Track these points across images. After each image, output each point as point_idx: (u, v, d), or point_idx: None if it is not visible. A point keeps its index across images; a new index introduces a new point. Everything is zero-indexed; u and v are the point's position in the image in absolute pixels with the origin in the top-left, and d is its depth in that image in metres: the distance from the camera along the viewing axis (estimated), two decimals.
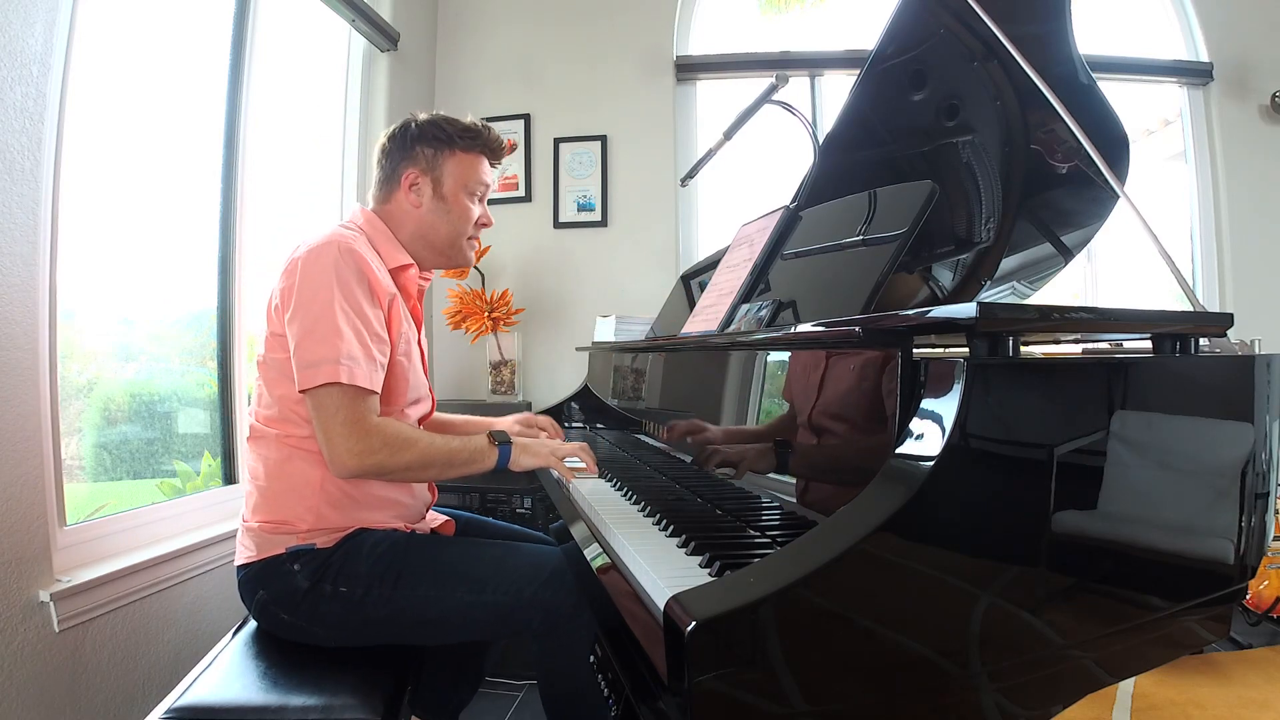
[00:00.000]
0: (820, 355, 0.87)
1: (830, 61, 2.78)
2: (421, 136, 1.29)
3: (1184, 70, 2.72)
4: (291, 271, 1.14)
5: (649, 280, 2.63)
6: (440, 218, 1.31)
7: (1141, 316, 0.85)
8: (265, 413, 1.19)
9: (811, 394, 0.88)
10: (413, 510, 1.29)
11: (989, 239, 1.43)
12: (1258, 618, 2.08)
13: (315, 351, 1.08)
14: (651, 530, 0.93)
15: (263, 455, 1.19)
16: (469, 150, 1.31)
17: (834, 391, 0.83)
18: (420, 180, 1.29)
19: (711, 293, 1.42)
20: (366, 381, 1.10)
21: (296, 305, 1.11)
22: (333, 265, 1.12)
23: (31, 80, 1.22)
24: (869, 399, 0.76)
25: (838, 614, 0.59)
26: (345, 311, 1.10)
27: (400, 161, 1.30)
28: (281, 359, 1.14)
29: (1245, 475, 0.86)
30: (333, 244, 1.14)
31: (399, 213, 1.31)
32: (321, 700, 1.00)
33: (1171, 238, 2.75)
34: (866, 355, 0.77)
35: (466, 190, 1.32)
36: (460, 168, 1.31)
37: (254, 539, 1.17)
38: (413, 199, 1.30)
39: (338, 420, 1.09)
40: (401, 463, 1.13)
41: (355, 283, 1.13)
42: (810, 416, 0.87)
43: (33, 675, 1.21)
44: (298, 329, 1.10)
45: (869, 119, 1.52)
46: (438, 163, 1.29)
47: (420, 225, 1.31)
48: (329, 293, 1.10)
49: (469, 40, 2.82)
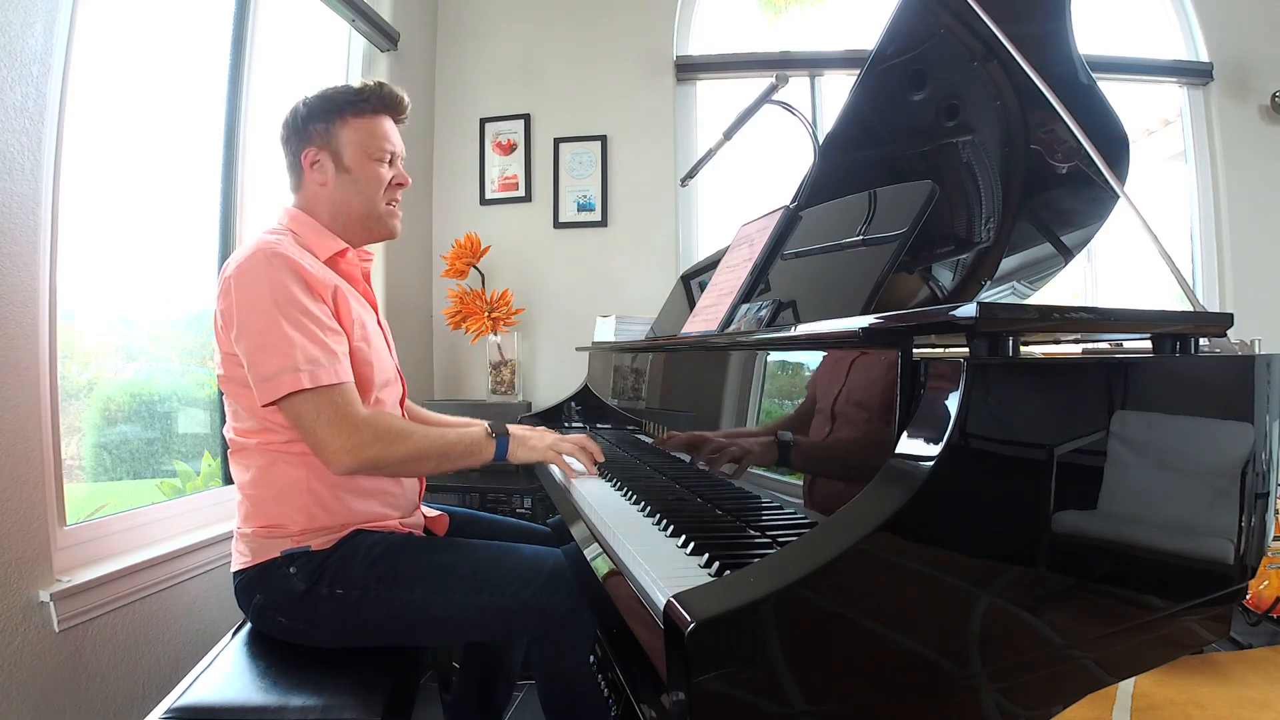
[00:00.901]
0: (820, 355, 0.87)
1: (830, 61, 2.78)
2: (311, 114, 1.25)
3: (1184, 70, 2.72)
4: (227, 291, 1.11)
5: (649, 280, 2.63)
6: (349, 190, 1.26)
7: (1141, 316, 0.85)
8: (241, 425, 1.19)
9: (812, 394, 0.88)
10: (403, 500, 1.28)
11: (989, 239, 1.43)
12: (1258, 618, 2.08)
13: (270, 364, 1.07)
14: (651, 530, 0.93)
15: (246, 464, 1.19)
16: (361, 114, 1.26)
17: (834, 391, 0.83)
18: (320, 157, 1.25)
19: (711, 293, 1.42)
20: (333, 377, 1.09)
21: (240, 323, 1.10)
22: (264, 274, 1.10)
23: (31, 80, 1.22)
24: (869, 399, 0.76)
25: (838, 614, 0.59)
26: (289, 317, 1.08)
27: (298, 145, 1.26)
28: (241, 375, 1.13)
29: (1245, 475, 0.86)
30: (258, 253, 1.12)
31: (313, 198, 1.27)
32: (321, 700, 1.00)
33: (1171, 238, 2.75)
34: (866, 355, 0.77)
35: (368, 155, 1.26)
36: (357, 134, 1.26)
37: (248, 544, 1.17)
38: (318, 178, 1.25)
39: (321, 423, 1.08)
40: (397, 455, 1.12)
41: (291, 284, 1.10)
42: (810, 417, 0.87)
43: (33, 675, 1.21)
44: (247, 346, 1.09)
45: (869, 119, 1.52)
46: (331, 135, 1.25)
47: (333, 203, 1.26)
48: (267, 303, 1.08)
49: (469, 40, 2.82)
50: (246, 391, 1.14)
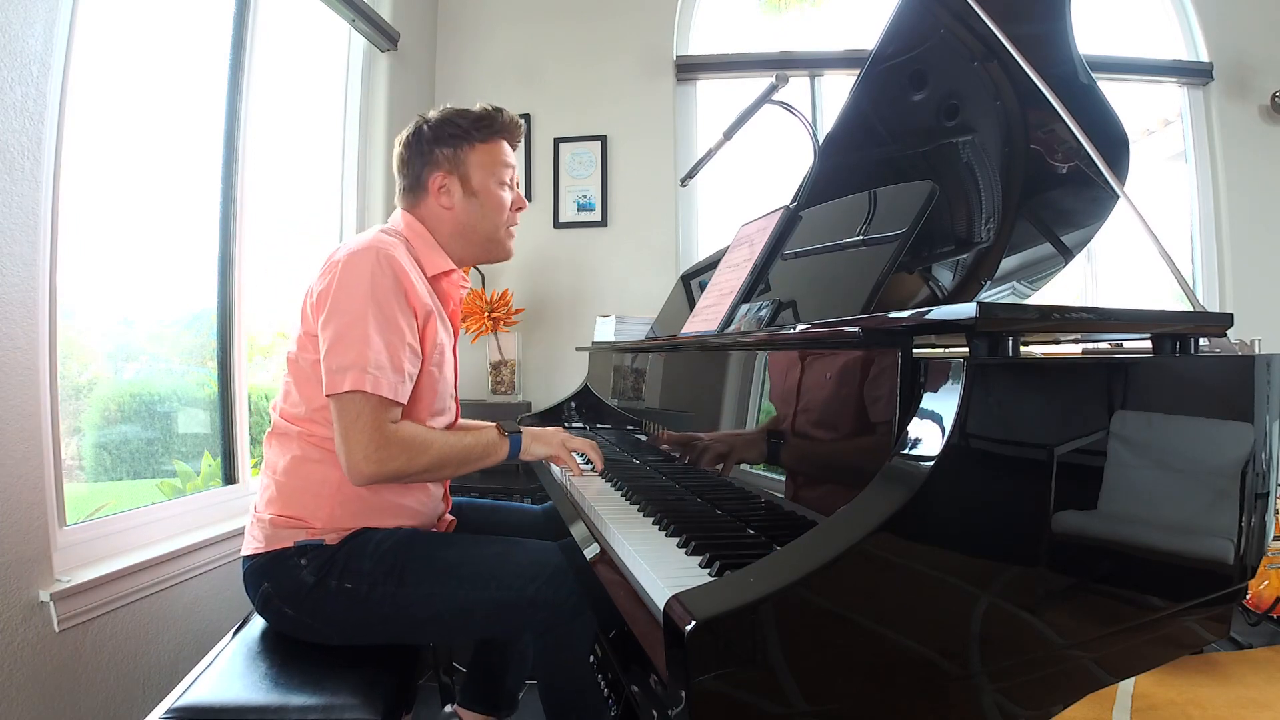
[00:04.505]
0: (820, 355, 0.87)
1: (830, 61, 2.78)
2: (437, 138, 1.27)
3: (1184, 70, 2.72)
4: (329, 273, 1.13)
5: (649, 280, 2.63)
6: (476, 214, 1.29)
7: (1141, 316, 0.85)
8: (291, 410, 1.19)
9: (812, 394, 0.88)
10: (426, 517, 1.30)
11: (989, 239, 1.43)
12: (1258, 618, 2.08)
13: (344, 357, 1.08)
14: (651, 530, 0.93)
15: (284, 451, 1.19)
16: (487, 140, 1.29)
17: (834, 392, 0.83)
18: (447, 182, 1.27)
19: (711, 293, 1.42)
20: (391, 392, 1.10)
21: (331, 308, 1.11)
22: (370, 271, 1.11)
23: (31, 80, 1.22)
24: (869, 399, 0.76)
25: (838, 614, 0.59)
26: (378, 319, 1.10)
27: (422, 168, 1.28)
28: (313, 359, 1.15)
29: (1245, 475, 0.86)
30: (372, 249, 1.13)
31: (432, 217, 1.29)
32: (322, 700, 1.00)
33: (1171, 238, 2.75)
34: (867, 355, 0.77)
35: (495, 179, 1.30)
36: (483, 158, 1.29)
37: (263, 531, 1.17)
38: (445, 201, 1.28)
39: (358, 427, 1.09)
40: (418, 466, 1.13)
41: (391, 291, 1.12)
42: (810, 417, 0.87)
43: (33, 675, 1.21)
44: (330, 333, 1.10)
45: (869, 119, 1.52)
46: (460, 160, 1.27)
47: (457, 225, 1.29)
48: (364, 299, 1.10)
49: (469, 40, 2.82)
50: (309, 377, 1.16)
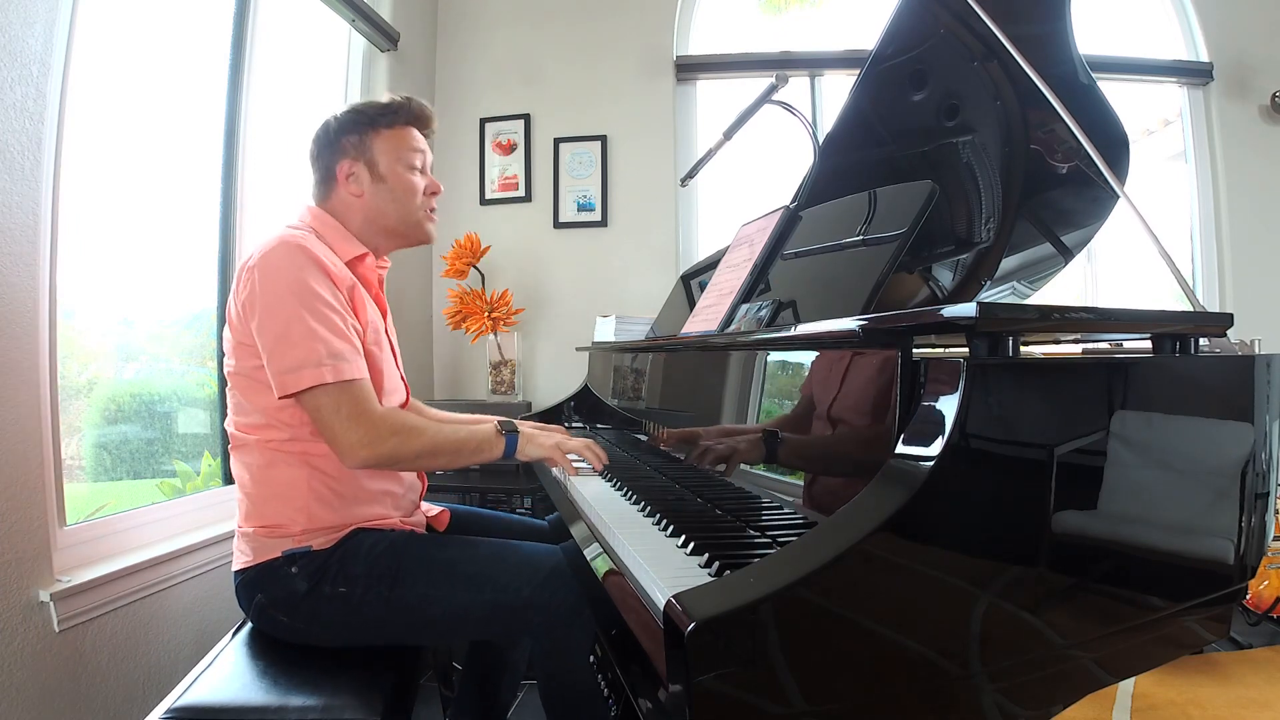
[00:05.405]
0: (820, 355, 0.87)
1: (830, 61, 2.78)
2: (342, 128, 1.28)
3: (1184, 70, 2.72)
4: (249, 281, 1.12)
5: (649, 280, 2.63)
6: (385, 199, 1.28)
7: (1141, 316, 0.85)
8: (245, 420, 1.19)
9: (811, 394, 0.88)
10: (404, 500, 1.29)
11: (989, 239, 1.43)
12: (1258, 618, 2.08)
13: (292, 356, 1.07)
14: (651, 530, 0.93)
15: (246, 462, 1.19)
16: (393, 125, 1.29)
17: (834, 392, 0.83)
18: (355, 168, 1.27)
19: (711, 293, 1.42)
20: (355, 372, 1.10)
21: (263, 312, 1.10)
22: (288, 266, 1.11)
23: (31, 80, 1.22)
24: (869, 399, 0.76)
25: (838, 614, 0.59)
26: (311, 310, 1.09)
27: (331, 158, 1.28)
28: (253, 367, 1.14)
29: (1245, 475, 0.86)
30: (281, 244, 1.13)
31: (344, 207, 1.29)
32: (321, 700, 1.00)
33: (1171, 238, 2.75)
34: (866, 355, 0.77)
35: (403, 163, 1.29)
36: (389, 143, 1.28)
37: (249, 544, 1.17)
38: (353, 189, 1.27)
39: (340, 416, 1.09)
40: (413, 450, 1.13)
41: (313, 278, 1.11)
42: (810, 416, 0.87)
43: (33, 675, 1.21)
44: (269, 337, 1.09)
45: (869, 119, 1.52)
46: (366, 146, 1.27)
47: (368, 211, 1.28)
48: (291, 294, 1.09)
49: (469, 40, 2.82)
50: (253, 385, 1.15)
